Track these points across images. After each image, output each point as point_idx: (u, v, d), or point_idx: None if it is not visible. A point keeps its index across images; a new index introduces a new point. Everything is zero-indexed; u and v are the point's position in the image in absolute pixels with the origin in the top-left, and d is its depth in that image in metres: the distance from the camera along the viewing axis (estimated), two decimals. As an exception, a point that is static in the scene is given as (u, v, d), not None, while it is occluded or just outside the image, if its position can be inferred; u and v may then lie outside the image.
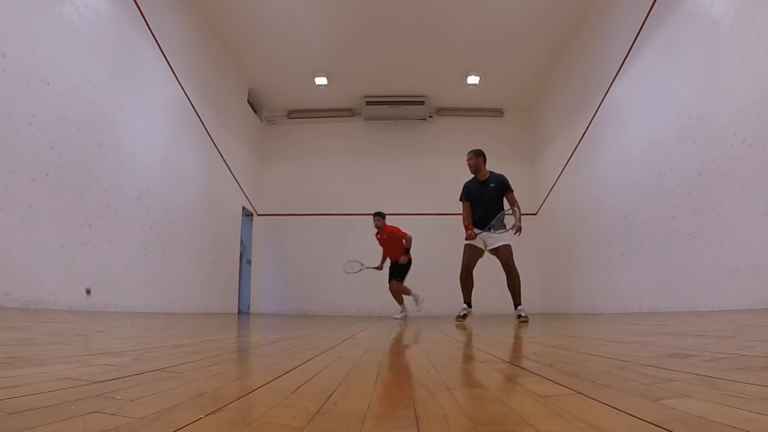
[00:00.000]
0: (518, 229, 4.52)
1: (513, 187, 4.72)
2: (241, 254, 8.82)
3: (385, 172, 9.87)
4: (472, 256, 4.63)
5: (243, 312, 8.73)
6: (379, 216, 6.99)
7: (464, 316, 4.63)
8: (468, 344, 2.08)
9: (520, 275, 4.53)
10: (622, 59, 5.77)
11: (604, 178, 6.41)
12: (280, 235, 9.69)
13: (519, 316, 4.34)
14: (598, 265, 6.54)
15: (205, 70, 7.11)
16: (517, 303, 4.48)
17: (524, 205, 9.39)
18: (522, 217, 4.61)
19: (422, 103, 9.42)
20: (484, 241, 4.60)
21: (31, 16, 3.70)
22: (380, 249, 7.18)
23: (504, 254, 4.48)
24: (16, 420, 0.55)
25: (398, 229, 6.97)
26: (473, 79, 8.81)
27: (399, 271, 6.89)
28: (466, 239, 4.67)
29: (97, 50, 4.54)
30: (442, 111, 9.97)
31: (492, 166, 4.90)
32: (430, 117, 9.89)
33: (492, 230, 4.58)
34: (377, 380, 0.96)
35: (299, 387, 0.86)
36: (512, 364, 1.17)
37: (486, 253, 4.69)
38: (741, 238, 3.82)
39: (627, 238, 5.71)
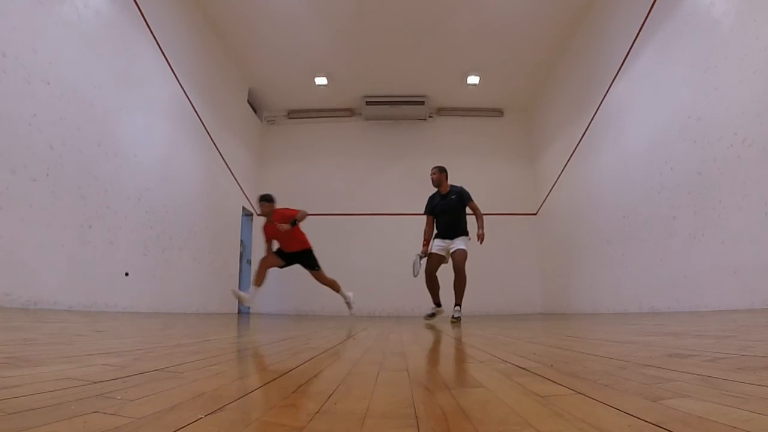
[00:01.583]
0: (480, 237, 4.82)
1: (473, 197, 5.02)
2: (241, 254, 8.81)
3: (385, 172, 9.87)
4: (433, 263, 4.94)
5: (243, 312, 8.72)
6: (267, 200, 5.42)
7: (432, 315, 4.96)
8: (468, 344, 2.08)
9: (520, 275, 4.60)
10: (622, 59, 5.77)
11: (604, 178, 6.41)
12: (280, 235, 9.66)
13: (453, 316, 4.64)
14: (598, 265, 6.54)
15: (205, 70, 7.11)
16: (457, 303, 4.74)
17: (524, 205, 9.59)
18: (485, 222, 4.91)
19: (422, 103, 9.41)
20: (446, 249, 4.93)
21: (31, 16, 3.70)
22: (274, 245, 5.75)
23: (457, 257, 4.77)
24: (16, 420, 0.55)
25: (289, 208, 5.43)
26: (473, 79, 8.80)
27: (312, 259, 5.78)
28: (423, 254, 5.03)
29: (97, 50, 4.54)
30: (442, 111, 9.96)
31: (492, 166, 4.96)
32: (430, 117, 9.88)
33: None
34: (377, 380, 0.96)
35: (299, 387, 0.86)
36: (512, 364, 1.17)
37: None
38: (741, 238, 3.81)
39: (627, 238, 5.71)
